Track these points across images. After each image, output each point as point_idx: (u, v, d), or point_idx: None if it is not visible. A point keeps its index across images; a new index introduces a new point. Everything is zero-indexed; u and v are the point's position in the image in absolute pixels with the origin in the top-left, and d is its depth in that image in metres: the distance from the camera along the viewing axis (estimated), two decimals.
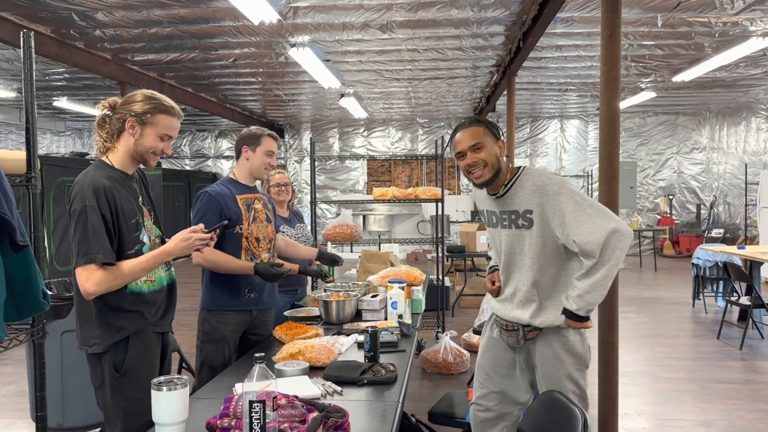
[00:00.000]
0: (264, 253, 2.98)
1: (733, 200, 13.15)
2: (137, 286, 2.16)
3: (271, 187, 3.97)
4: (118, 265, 2.08)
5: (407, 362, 2.54)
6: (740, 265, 6.40)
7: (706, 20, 6.23)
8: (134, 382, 2.12)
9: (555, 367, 2.36)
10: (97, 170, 2.14)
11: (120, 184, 2.16)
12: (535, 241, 2.32)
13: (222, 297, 2.85)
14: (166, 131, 2.20)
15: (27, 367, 3.69)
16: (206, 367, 2.79)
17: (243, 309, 2.89)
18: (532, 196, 2.29)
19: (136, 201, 2.22)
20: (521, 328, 2.39)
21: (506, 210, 2.38)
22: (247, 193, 3.00)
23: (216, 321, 2.83)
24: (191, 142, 15.33)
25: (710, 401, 4.45)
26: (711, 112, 13.34)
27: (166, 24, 6.11)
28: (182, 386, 1.72)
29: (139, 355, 2.15)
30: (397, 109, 12.69)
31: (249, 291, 2.90)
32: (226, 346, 2.84)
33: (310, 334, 2.84)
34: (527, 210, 2.31)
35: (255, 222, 2.95)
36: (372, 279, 3.70)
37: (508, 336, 2.46)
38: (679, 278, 10.29)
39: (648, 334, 6.42)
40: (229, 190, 2.93)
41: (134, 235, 2.15)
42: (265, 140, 3.00)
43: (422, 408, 4.04)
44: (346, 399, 2.08)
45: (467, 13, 5.90)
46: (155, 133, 2.18)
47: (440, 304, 5.95)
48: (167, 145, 2.24)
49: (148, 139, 2.18)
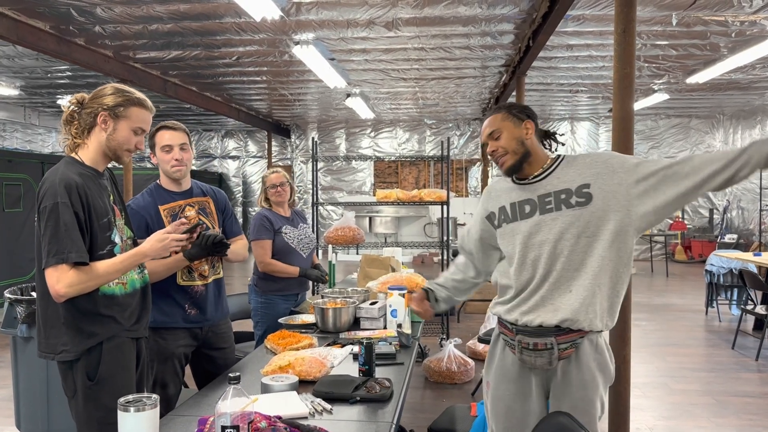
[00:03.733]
0: (202, 264, 2.66)
1: (747, 205, 12.87)
2: (109, 288, 2.04)
3: (267, 189, 3.82)
4: (92, 266, 1.95)
5: (405, 377, 2.37)
6: (756, 273, 6.18)
7: (723, 19, 6.03)
8: (109, 390, 1.99)
9: (591, 389, 2.05)
10: (68, 166, 2.03)
11: (91, 181, 2.06)
12: (593, 220, 1.99)
13: (164, 314, 2.59)
14: (139, 124, 2.12)
15: (12, 374, 3.56)
16: (158, 385, 2.58)
17: (189, 326, 2.65)
18: (586, 169, 2.03)
19: (108, 199, 2.12)
20: (555, 345, 2.02)
21: (551, 192, 2.06)
22: (172, 201, 2.66)
23: (162, 339, 2.59)
24: (197, 141, 15.23)
25: (725, 415, 4.25)
26: (725, 115, 13.08)
27: (167, 20, 5.97)
28: (152, 407, 1.57)
29: (113, 362, 2.03)
30: (404, 110, 12.53)
31: (189, 307, 2.65)
32: (177, 362, 2.63)
33: (303, 344, 2.68)
34: (583, 185, 2.01)
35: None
36: (371, 285, 3.54)
37: (536, 357, 2.05)
38: (691, 284, 10.06)
39: (660, 343, 6.22)
40: (152, 200, 2.63)
41: (106, 234, 2.05)
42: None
43: (423, 420, 3.87)
44: (335, 418, 1.92)
45: (475, 10, 5.73)
46: (128, 127, 2.09)
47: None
48: (140, 140, 2.15)
49: (121, 133, 2.09)
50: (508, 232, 2.16)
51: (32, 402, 3.48)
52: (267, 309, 3.73)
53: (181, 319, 2.63)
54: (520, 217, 2.11)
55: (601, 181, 2.01)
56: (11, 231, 7.88)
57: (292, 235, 3.79)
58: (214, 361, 2.76)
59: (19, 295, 3.55)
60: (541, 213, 2.07)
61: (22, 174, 8.09)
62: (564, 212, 2.03)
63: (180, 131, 2.65)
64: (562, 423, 1.90)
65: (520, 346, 2.08)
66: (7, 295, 3.51)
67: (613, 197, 1.99)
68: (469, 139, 14.05)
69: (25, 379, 3.50)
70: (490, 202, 2.26)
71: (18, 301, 3.44)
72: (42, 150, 13.73)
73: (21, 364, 3.50)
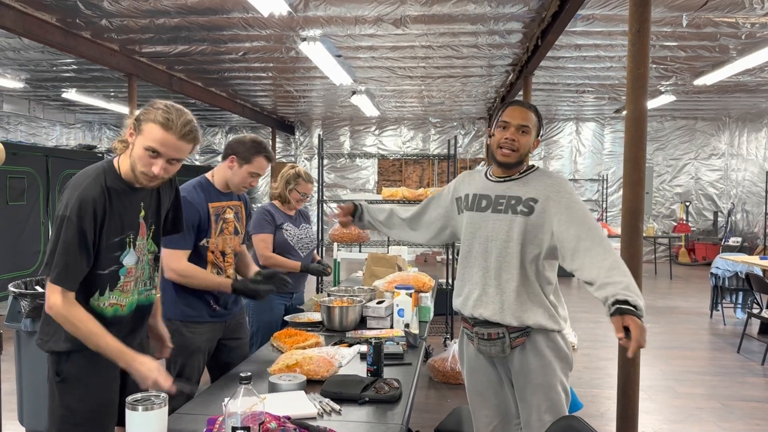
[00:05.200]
0: (230, 268, 2.78)
1: (752, 208, 12.80)
2: (99, 308, 1.98)
3: (294, 189, 3.75)
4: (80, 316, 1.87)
5: (413, 377, 2.34)
6: (762, 276, 6.14)
7: (734, 20, 5.98)
8: (72, 390, 1.95)
9: (547, 375, 2.20)
10: (98, 177, 1.93)
11: (120, 195, 1.96)
12: (529, 229, 2.19)
13: (191, 308, 2.65)
14: (151, 143, 1.88)
15: (15, 369, 3.54)
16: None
17: (215, 321, 2.72)
18: (543, 189, 2.21)
19: (138, 215, 2.03)
20: (507, 335, 2.20)
21: (506, 195, 2.26)
22: (221, 200, 2.74)
23: (190, 332, 2.63)
24: (201, 137, 15.20)
25: (732, 420, 4.22)
26: (731, 117, 13.02)
27: (174, 14, 5.95)
28: (160, 405, 1.55)
29: (83, 366, 1.96)
30: (409, 108, 12.48)
31: (214, 303, 2.71)
32: (201, 357, 2.68)
33: (310, 342, 2.65)
34: (531, 198, 2.21)
35: (222, 234, 2.70)
36: (378, 284, 3.51)
37: (491, 346, 2.24)
38: (695, 287, 10.02)
39: (665, 346, 6.19)
40: (204, 196, 2.67)
41: (114, 254, 1.97)
42: (257, 160, 2.70)
43: (428, 420, 3.85)
44: (344, 419, 1.90)
45: (484, 9, 5.69)
46: (141, 144, 1.90)
47: (449, 309, 5.75)
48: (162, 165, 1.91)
49: (136, 150, 1.92)
50: (468, 219, 2.34)
51: (35, 397, 3.46)
52: (261, 305, 3.64)
53: (206, 314, 2.69)
54: (477, 209, 2.31)
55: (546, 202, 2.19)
56: (15, 224, 7.86)
57: (293, 233, 3.75)
58: (231, 351, 2.81)
59: (23, 289, 3.52)
60: (491, 211, 2.27)
61: (26, 167, 8.07)
62: (508, 216, 2.23)
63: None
64: (571, 425, 1.88)
65: (477, 337, 2.29)
66: (12, 288, 3.48)
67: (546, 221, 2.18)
68: (474, 138, 14.01)
69: (28, 374, 3.47)
70: (463, 187, 2.43)
71: (22, 295, 3.41)
72: (46, 143, 13.71)
73: (24, 358, 3.48)
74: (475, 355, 2.35)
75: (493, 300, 2.23)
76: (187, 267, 2.57)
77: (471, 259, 2.31)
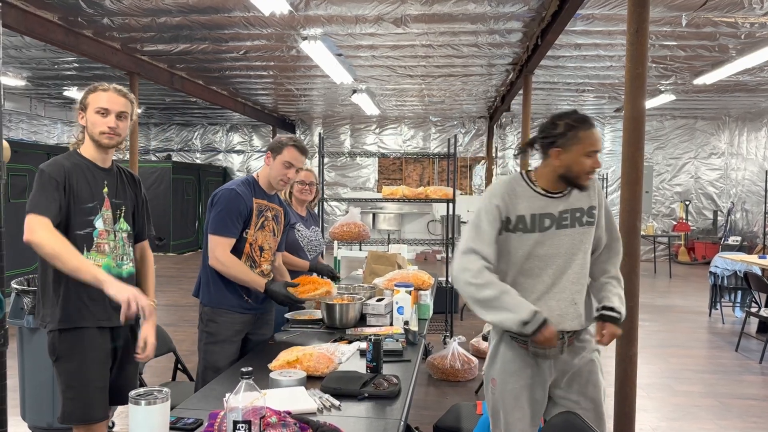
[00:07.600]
0: (266, 263, 2.88)
1: (752, 207, 12.82)
2: None
3: (295, 182, 3.79)
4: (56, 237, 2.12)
5: (412, 374, 2.37)
6: (760, 275, 6.17)
7: (733, 20, 6.00)
8: (66, 368, 2.23)
9: (596, 363, 2.32)
10: (66, 156, 2.29)
11: (85, 169, 2.27)
12: (592, 239, 2.30)
13: (225, 296, 2.77)
14: (98, 105, 2.24)
15: (18, 365, 3.57)
16: (210, 370, 2.68)
17: (245, 312, 2.81)
18: (595, 195, 2.29)
19: (100, 189, 2.30)
20: (565, 335, 2.22)
21: (569, 209, 2.24)
22: (263, 199, 2.86)
23: (222, 320, 2.74)
24: (202, 135, 15.25)
25: (729, 418, 4.25)
26: (731, 116, 13.04)
27: (176, 13, 5.97)
28: (162, 400, 1.57)
29: (72, 344, 2.23)
30: (409, 107, 12.51)
31: (246, 295, 2.81)
32: (229, 345, 2.75)
33: (321, 290, 2.87)
34: (592, 206, 2.27)
35: (262, 230, 2.82)
36: (378, 282, 3.53)
37: (549, 349, 2.18)
38: (694, 286, 10.04)
39: (663, 344, 6.21)
40: (249, 190, 2.81)
41: (87, 218, 2.25)
42: (287, 150, 2.79)
43: (427, 417, 3.88)
44: (344, 414, 1.92)
45: (484, 8, 5.71)
46: (92, 111, 2.25)
47: (449, 306, 5.77)
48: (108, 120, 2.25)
49: (90, 118, 2.26)
50: (523, 239, 2.22)
51: (38, 394, 3.48)
52: None
53: (237, 305, 2.78)
54: (539, 230, 2.21)
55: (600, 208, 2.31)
56: (17, 221, 7.84)
57: (304, 234, 3.75)
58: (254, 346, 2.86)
59: (25, 286, 3.54)
60: (558, 227, 2.22)
61: (28, 165, 8.09)
62: (577, 229, 2.24)
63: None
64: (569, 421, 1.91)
65: (533, 343, 2.19)
66: (14, 285, 3.50)
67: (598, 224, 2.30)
68: (474, 137, 14.03)
69: (31, 370, 3.50)
70: (507, 206, 2.21)
71: (25, 292, 3.43)
72: (47, 141, 13.73)
73: (27, 355, 3.50)
74: (516, 358, 2.27)
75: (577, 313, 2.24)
76: (229, 258, 2.70)
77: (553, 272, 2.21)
